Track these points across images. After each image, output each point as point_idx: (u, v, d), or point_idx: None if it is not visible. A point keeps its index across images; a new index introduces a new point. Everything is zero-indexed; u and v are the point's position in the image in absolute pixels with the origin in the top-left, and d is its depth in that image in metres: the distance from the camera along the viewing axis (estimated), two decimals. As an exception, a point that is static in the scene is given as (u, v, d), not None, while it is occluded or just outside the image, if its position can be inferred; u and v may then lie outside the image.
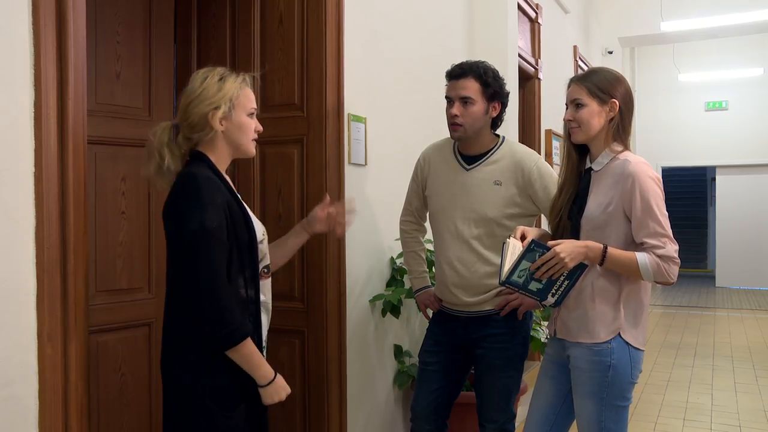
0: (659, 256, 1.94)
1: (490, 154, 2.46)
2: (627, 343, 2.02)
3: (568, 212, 2.11)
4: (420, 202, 2.66)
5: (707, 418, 4.21)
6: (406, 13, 3.41)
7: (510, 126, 4.14)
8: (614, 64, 8.75)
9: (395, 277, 3.21)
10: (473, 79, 2.39)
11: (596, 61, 8.03)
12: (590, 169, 2.11)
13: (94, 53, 2.51)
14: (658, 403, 4.55)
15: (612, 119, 2.05)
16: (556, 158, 5.96)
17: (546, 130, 5.71)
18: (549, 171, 2.45)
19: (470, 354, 2.54)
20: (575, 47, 6.91)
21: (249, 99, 1.80)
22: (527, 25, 5.17)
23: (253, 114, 1.81)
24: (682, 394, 4.74)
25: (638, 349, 2.05)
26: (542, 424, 2.19)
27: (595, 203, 2.04)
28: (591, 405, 2.04)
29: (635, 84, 11.09)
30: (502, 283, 2.01)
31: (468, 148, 2.48)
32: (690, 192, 13.31)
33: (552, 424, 2.18)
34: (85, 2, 1.74)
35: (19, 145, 1.58)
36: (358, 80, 2.89)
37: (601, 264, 1.98)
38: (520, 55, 4.65)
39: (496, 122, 2.48)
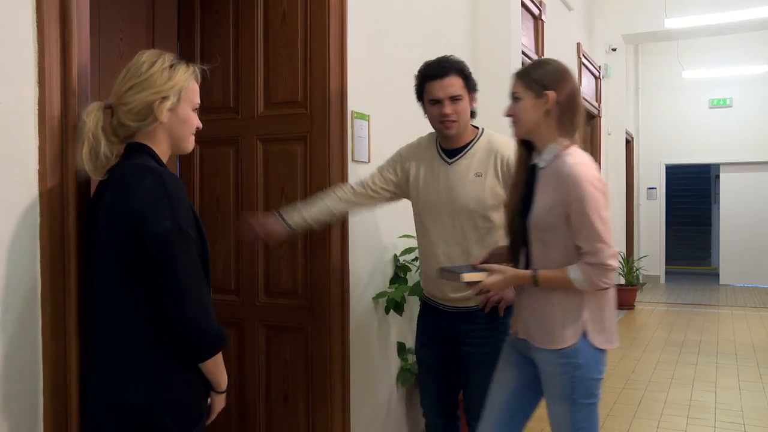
0: (590, 264, 1.91)
1: (470, 146, 2.45)
2: (592, 344, 2.00)
3: (519, 211, 2.09)
4: (381, 180, 2.55)
5: (711, 416, 4.21)
6: (409, 11, 3.40)
7: (513, 123, 4.13)
8: (618, 61, 8.73)
9: (398, 274, 3.21)
10: (457, 76, 2.39)
11: (600, 58, 8.01)
12: (536, 165, 2.06)
13: (97, 50, 2.51)
14: (661, 401, 4.54)
15: (549, 112, 1.98)
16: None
17: (549, 128, 5.69)
18: None
19: (456, 349, 2.53)
20: (579, 44, 6.89)
21: (195, 93, 1.67)
22: (530, 22, 5.16)
23: (196, 109, 1.68)
24: (685, 392, 4.74)
25: (603, 350, 2.03)
26: (503, 410, 2.16)
27: (540, 204, 2.00)
28: (563, 407, 2.02)
29: (639, 81, 11.07)
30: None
31: (452, 142, 2.47)
32: (694, 189, 13.27)
33: (513, 410, 2.16)
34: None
35: (24, 142, 1.58)
36: (361, 78, 2.89)
37: (536, 285, 2.01)
38: (523, 53, 4.63)
39: (473, 114, 2.48)
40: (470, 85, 2.43)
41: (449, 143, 2.47)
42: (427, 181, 2.49)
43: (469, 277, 2.04)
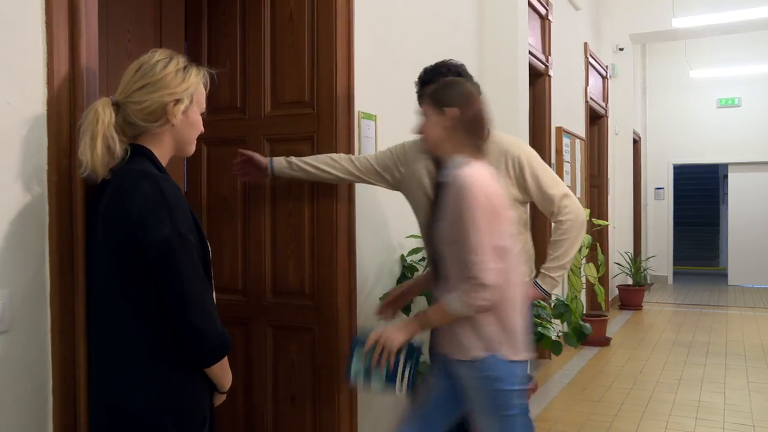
0: (466, 279, 1.90)
1: None
2: (502, 357, 1.99)
3: (430, 228, 2.13)
4: (375, 165, 2.56)
5: (720, 417, 4.19)
6: (416, 12, 3.40)
7: (521, 123, 4.13)
8: (625, 60, 8.71)
9: (405, 274, 3.20)
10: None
11: (607, 57, 7.99)
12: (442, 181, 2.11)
13: (105, 51, 2.52)
14: (669, 401, 4.52)
15: (451, 129, 2.04)
16: (567, 155, 5.94)
17: (557, 128, 5.69)
18: (536, 157, 2.45)
19: None
20: (586, 44, 6.88)
21: (204, 96, 1.65)
22: (537, 22, 5.15)
23: (203, 113, 1.67)
24: (694, 393, 4.71)
25: (517, 361, 2.02)
26: (424, 414, 2.18)
27: (444, 218, 2.02)
28: (489, 421, 2.03)
29: (646, 81, 11.04)
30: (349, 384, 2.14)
31: None
32: (702, 189, 13.23)
33: (432, 416, 2.18)
34: (97, 0, 1.75)
35: (33, 142, 1.59)
36: (368, 78, 2.89)
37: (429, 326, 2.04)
38: (530, 53, 4.63)
39: None
40: None
41: None
42: (429, 182, 2.45)
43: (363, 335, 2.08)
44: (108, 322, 1.53)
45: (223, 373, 1.59)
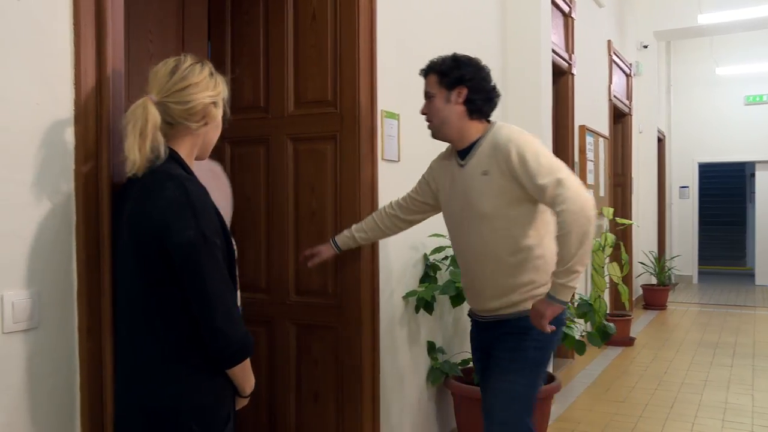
0: None
1: (477, 144, 2.27)
2: None
3: None
4: (418, 197, 2.53)
5: (748, 420, 4.12)
6: (438, 10, 3.39)
7: (544, 122, 4.10)
8: (649, 58, 8.60)
9: (428, 273, 3.20)
10: (432, 74, 2.33)
11: (631, 55, 7.90)
12: None
13: (128, 51, 2.54)
14: (695, 403, 4.46)
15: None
16: (590, 154, 5.89)
17: (580, 126, 5.64)
18: (526, 142, 2.16)
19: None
20: (609, 42, 6.80)
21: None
22: (560, 20, 5.11)
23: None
24: (720, 395, 4.64)
25: None
26: None
27: None
28: None
29: (671, 78, 10.89)
30: None
31: (457, 142, 2.33)
32: (728, 188, 13.03)
33: None
34: (123, 2, 1.76)
35: (61, 142, 1.61)
36: (391, 77, 2.89)
37: None
38: (553, 51, 4.59)
39: (472, 108, 2.27)
40: (446, 81, 2.28)
41: (457, 144, 2.34)
42: (447, 188, 2.39)
43: None
44: (132, 321, 1.55)
45: (244, 375, 1.60)
